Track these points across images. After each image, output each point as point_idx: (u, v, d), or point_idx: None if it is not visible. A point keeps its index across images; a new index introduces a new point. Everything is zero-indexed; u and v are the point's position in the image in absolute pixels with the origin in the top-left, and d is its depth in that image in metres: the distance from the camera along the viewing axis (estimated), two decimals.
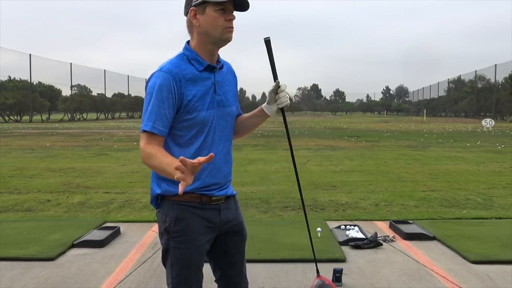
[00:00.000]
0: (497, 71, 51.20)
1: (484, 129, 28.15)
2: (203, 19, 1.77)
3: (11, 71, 55.10)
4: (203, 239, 1.85)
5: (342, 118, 60.14)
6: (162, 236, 1.87)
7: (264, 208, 5.74)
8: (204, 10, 1.76)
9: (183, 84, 1.76)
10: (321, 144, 15.91)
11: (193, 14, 1.78)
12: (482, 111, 54.41)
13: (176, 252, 1.83)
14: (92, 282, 3.35)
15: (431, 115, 68.97)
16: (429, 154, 12.39)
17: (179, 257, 1.83)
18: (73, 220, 5.10)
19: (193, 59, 1.82)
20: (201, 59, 1.82)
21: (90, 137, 20.14)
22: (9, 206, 5.85)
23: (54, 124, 37.83)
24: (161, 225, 1.86)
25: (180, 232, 1.82)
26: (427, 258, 3.88)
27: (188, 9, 1.80)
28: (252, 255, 3.84)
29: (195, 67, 1.81)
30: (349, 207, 5.78)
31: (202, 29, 1.79)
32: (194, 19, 1.79)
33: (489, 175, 8.48)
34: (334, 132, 24.58)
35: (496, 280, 3.39)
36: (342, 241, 4.21)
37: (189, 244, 1.83)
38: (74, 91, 56.07)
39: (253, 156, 11.64)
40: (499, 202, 6.09)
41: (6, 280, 3.37)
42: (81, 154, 12.32)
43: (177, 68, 1.78)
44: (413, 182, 7.70)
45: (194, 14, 1.78)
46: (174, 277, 1.84)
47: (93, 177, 8.19)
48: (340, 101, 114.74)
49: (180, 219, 1.81)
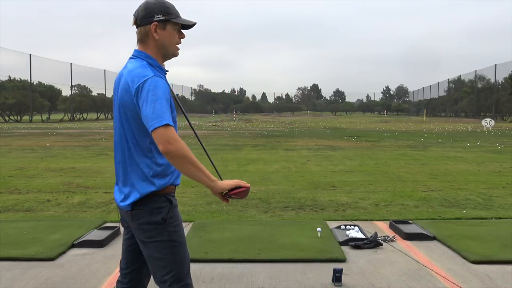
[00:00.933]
0: (497, 71, 51.15)
1: (484, 129, 28.16)
2: (162, 34, 1.97)
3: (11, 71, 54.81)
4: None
5: (342, 118, 60.15)
6: (156, 229, 1.95)
7: (264, 208, 5.74)
8: (165, 27, 1.97)
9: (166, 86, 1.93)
10: (321, 144, 15.91)
11: (154, 28, 1.95)
12: (482, 111, 54.38)
13: (175, 235, 1.97)
14: (92, 282, 3.35)
15: (431, 115, 68.95)
16: (429, 154, 12.40)
17: (178, 238, 1.99)
18: (73, 220, 5.11)
19: (157, 67, 1.99)
20: (162, 67, 2.03)
21: (90, 137, 20.14)
22: (9, 206, 5.85)
23: (54, 124, 37.83)
24: (154, 218, 1.94)
25: (174, 217, 1.99)
26: (427, 258, 3.88)
27: (148, 21, 1.95)
28: (252, 255, 3.85)
29: (160, 73, 1.96)
30: (349, 207, 5.78)
31: (160, 42, 1.98)
32: (155, 32, 1.96)
33: (489, 175, 8.48)
34: (334, 132, 24.58)
35: (496, 280, 3.39)
36: (342, 241, 4.21)
37: (180, 226, 2.04)
38: (74, 91, 56.00)
39: (253, 156, 11.64)
40: (499, 202, 6.09)
41: (6, 280, 3.37)
42: (81, 154, 12.32)
43: (160, 75, 1.95)
44: (413, 182, 7.70)
45: (155, 28, 1.96)
46: (182, 258, 1.99)
47: (93, 177, 8.19)
48: (340, 101, 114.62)
49: (174, 206, 2.00)
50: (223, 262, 3.74)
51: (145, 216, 1.95)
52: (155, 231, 1.95)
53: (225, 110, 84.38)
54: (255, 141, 17.04)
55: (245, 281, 3.37)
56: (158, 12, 1.95)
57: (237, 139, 18.22)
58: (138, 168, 1.95)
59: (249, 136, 20.05)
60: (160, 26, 1.96)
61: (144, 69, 1.90)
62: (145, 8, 1.97)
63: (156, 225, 1.94)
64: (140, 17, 1.97)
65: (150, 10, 1.96)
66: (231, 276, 3.47)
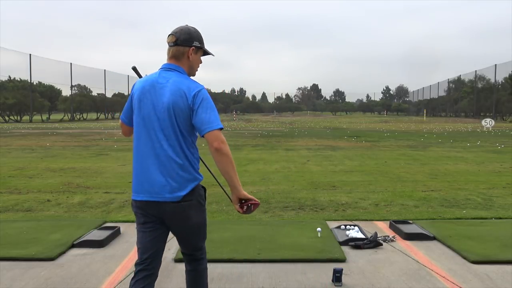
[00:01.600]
0: (497, 71, 51.15)
1: (484, 129, 28.16)
2: (194, 57, 2.43)
3: (11, 71, 54.81)
4: None
5: (342, 118, 60.15)
6: (201, 209, 2.44)
7: (264, 208, 5.74)
8: (197, 52, 2.44)
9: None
10: (321, 144, 15.91)
11: (191, 51, 2.40)
12: (482, 111, 54.37)
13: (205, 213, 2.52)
14: (92, 282, 3.35)
15: (431, 115, 68.95)
16: (429, 154, 12.40)
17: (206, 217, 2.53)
18: (73, 220, 5.10)
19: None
20: None
21: (90, 137, 20.14)
22: (9, 206, 5.85)
23: (54, 124, 37.83)
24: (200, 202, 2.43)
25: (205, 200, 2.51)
26: (427, 258, 3.88)
27: (188, 44, 2.39)
28: (252, 255, 3.85)
29: None
30: (349, 207, 5.78)
31: (191, 63, 2.44)
32: (190, 54, 2.41)
33: (489, 175, 8.48)
34: (334, 132, 24.58)
35: (496, 280, 3.39)
36: (342, 241, 4.21)
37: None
38: (74, 91, 56.01)
39: (253, 156, 11.64)
40: (499, 202, 6.09)
41: (6, 280, 3.37)
42: (81, 154, 12.32)
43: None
44: (413, 182, 7.70)
45: (192, 51, 2.41)
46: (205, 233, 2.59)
47: (93, 177, 8.19)
48: (340, 101, 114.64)
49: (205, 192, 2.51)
50: (223, 262, 3.74)
51: (193, 201, 2.35)
52: (200, 212, 2.41)
53: (225, 110, 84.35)
54: (255, 141, 17.04)
55: (245, 281, 3.38)
56: (197, 39, 2.42)
57: (237, 139, 18.22)
58: (186, 160, 2.32)
59: (249, 136, 20.04)
60: (194, 51, 2.42)
61: (194, 81, 2.38)
62: (188, 33, 2.40)
63: (201, 207, 2.42)
64: (182, 39, 2.38)
65: (192, 36, 2.40)
66: (231, 276, 3.47)
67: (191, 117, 2.28)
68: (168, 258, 3.86)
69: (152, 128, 2.30)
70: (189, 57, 2.40)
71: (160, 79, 2.34)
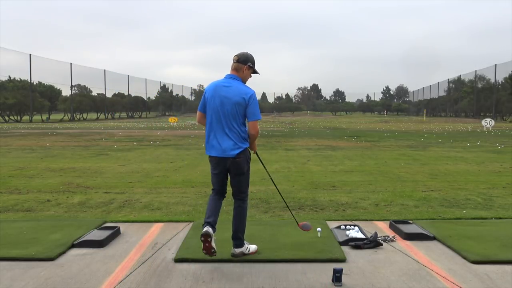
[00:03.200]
0: (497, 71, 51.15)
1: (484, 129, 28.16)
2: (246, 72, 3.85)
3: (11, 71, 54.72)
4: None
5: (342, 118, 60.14)
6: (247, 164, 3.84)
7: (264, 208, 5.75)
8: (249, 69, 3.85)
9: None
10: (321, 144, 15.91)
11: (246, 68, 3.82)
12: (482, 111, 54.38)
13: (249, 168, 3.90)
14: (92, 282, 3.35)
15: (431, 115, 68.95)
16: (429, 154, 12.40)
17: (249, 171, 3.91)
18: (73, 220, 5.10)
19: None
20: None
21: (90, 137, 20.14)
22: (9, 206, 5.85)
23: (54, 124, 37.83)
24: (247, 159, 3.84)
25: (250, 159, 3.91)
26: (427, 258, 3.88)
27: (245, 63, 3.81)
28: (252, 255, 3.85)
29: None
30: (349, 207, 5.78)
31: (244, 76, 3.85)
32: (246, 70, 3.83)
33: (489, 175, 8.48)
34: (334, 132, 24.59)
35: (496, 280, 3.39)
36: (342, 241, 4.21)
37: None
38: (74, 91, 55.99)
39: (253, 156, 11.61)
40: (499, 202, 6.09)
41: (6, 280, 3.37)
42: (81, 154, 12.32)
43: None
44: (413, 182, 7.70)
45: (246, 68, 3.83)
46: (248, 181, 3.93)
47: (93, 177, 8.19)
48: (340, 101, 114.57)
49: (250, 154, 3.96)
50: (223, 262, 3.74)
51: (243, 158, 3.75)
52: (246, 165, 3.81)
53: None
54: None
55: (245, 281, 3.37)
56: (251, 61, 3.84)
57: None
58: (239, 134, 3.72)
59: None
60: (248, 68, 3.83)
61: (248, 87, 3.79)
62: (246, 56, 3.82)
63: (247, 163, 3.84)
64: (242, 59, 3.80)
65: (247, 59, 3.83)
66: (231, 276, 3.47)
67: (246, 109, 3.69)
68: (168, 258, 3.86)
69: (221, 114, 3.70)
70: (244, 71, 3.81)
71: (225, 83, 3.75)
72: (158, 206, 5.83)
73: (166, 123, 38.74)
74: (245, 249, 3.84)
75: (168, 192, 6.77)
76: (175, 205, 5.88)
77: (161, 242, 4.33)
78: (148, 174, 8.54)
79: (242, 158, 3.72)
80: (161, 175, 8.41)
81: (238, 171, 3.76)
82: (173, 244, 4.26)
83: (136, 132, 24.61)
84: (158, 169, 9.28)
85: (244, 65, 3.77)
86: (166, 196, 6.46)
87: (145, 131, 25.83)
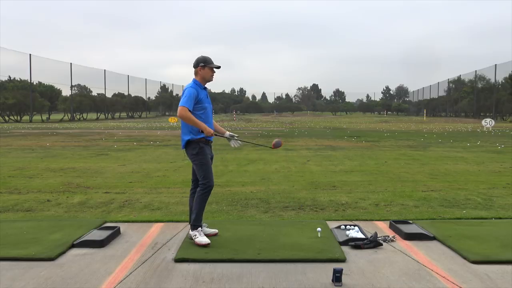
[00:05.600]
0: (497, 71, 51.13)
1: (484, 129, 28.16)
2: (202, 72, 4.31)
3: (11, 71, 54.93)
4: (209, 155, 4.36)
5: (342, 118, 60.15)
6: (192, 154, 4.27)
7: (264, 208, 5.75)
8: (204, 69, 4.30)
9: (199, 93, 4.26)
10: (321, 144, 15.91)
11: (199, 69, 4.29)
12: (482, 111, 54.37)
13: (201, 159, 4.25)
14: (92, 282, 3.35)
15: (431, 115, 68.95)
16: (429, 154, 12.40)
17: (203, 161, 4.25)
18: (73, 220, 5.10)
19: (199, 86, 4.33)
20: (202, 85, 4.37)
21: (90, 137, 20.14)
22: (9, 206, 5.85)
23: (54, 124, 37.83)
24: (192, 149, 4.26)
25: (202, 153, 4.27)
26: (427, 258, 3.88)
27: (196, 67, 4.30)
28: (252, 255, 3.85)
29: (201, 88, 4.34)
30: (349, 207, 5.78)
31: (203, 75, 4.32)
32: (200, 71, 4.29)
33: (489, 175, 8.48)
34: (334, 132, 24.58)
35: (496, 280, 3.39)
36: (342, 241, 4.21)
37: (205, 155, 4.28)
38: (74, 91, 55.97)
39: (253, 156, 11.64)
40: (499, 202, 6.09)
41: (6, 280, 3.37)
42: (81, 154, 12.32)
43: (197, 88, 4.28)
44: (413, 182, 7.70)
45: (200, 69, 4.29)
46: (204, 170, 4.23)
47: (93, 177, 8.20)
48: (340, 101, 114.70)
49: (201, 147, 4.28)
50: (223, 262, 3.74)
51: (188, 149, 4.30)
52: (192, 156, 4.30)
53: (225, 110, 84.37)
54: (255, 141, 17.03)
55: (245, 281, 3.37)
56: (201, 61, 4.28)
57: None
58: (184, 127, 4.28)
59: (249, 136, 20.04)
60: (200, 68, 4.28)
61: (189, 84, 4.28)
62: (197, 60, 4.29)
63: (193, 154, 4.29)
64: (194, 64, 4.31)
65: (197, 61, 4.30)
66: (231, 276, 3.47)
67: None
68: (168, 258, 3.86)
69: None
70: (198, 72, 4.30)
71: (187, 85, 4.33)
72: (158, 206, 5.83)
73: (166, 123, 38.75)
74: (193, 235, 4.17)
75: (168, 192, 6.77)
76: (175, 205, 5.88)
77: (161, 242, 4.33)
78: (148, 174, 8.54)
79: (188, 148, 4.27)
80: (161, 175, 8.41)
81: (191, 160, 4.32)
82: (173, 244, 4.26)
83: (136, 132, 24.62)
84: (158, 169, 9.28)
85: (196, 67, 4.28)
86: (166, 196, 6.46)
87: (145, 131, 25.84)
